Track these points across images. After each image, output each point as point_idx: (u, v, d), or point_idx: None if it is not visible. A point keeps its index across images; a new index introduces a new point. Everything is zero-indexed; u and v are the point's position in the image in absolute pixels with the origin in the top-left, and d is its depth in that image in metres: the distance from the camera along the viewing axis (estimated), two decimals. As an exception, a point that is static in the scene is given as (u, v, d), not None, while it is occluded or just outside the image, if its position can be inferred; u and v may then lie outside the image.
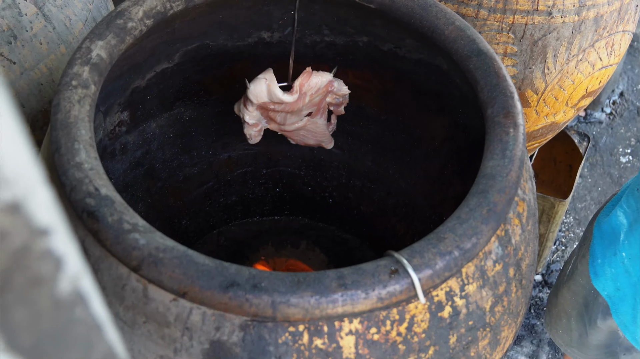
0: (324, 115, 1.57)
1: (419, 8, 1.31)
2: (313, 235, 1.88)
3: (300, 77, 1.45)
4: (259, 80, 1.43)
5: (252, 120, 1.50)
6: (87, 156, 1.06)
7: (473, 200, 1.06)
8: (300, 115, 1.54)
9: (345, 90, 1.51)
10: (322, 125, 1.58)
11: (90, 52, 1.18)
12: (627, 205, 1.20)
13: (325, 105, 1.54)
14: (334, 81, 1.49)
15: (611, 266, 1.29)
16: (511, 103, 1.17)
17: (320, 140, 1.62)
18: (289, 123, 1.54)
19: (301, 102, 1.48)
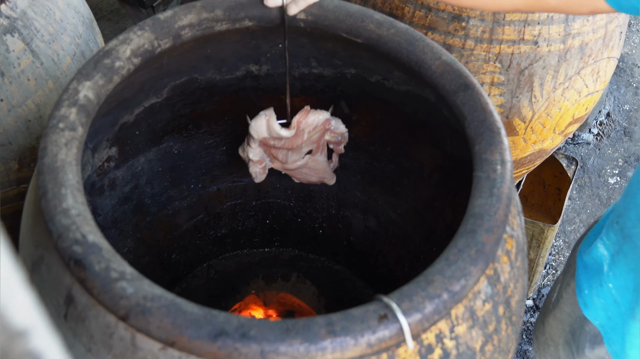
0: (324, 152, 1.59)
1: (406, 43, 1.31)
2: (304, 267, 1.87)
3: (298, 114, 1.49)
4: (259, 116, 1.48)
5: (256, 157, 1.53)
6: (74, 201, 1.06)
7: (461, 240, 1.06)
8: (300, 153, 1.56)
9: (342, 128, 1.54)
10: (323, 162, 1.61)
11: (77, 93, 1.18)
12: (607, 237, 1.20)
13: (324, 142, 1.57)
14: (331, 119, 1.51)
15: (599, 297, 1.30)
16: (498, 139, 1.17)
17: (322, 177, 1.65)
18: (291, 161, 1.57)
19: (300, 139, 1.51)
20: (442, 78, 1.27)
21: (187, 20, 1.31)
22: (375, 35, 1.33)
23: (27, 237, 1.20)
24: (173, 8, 1.32)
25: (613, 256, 1.20)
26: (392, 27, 1.32)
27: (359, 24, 1.33)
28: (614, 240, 1.17)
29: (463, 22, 1.56)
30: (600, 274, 1.26)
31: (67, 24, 1.62)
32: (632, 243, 1.14)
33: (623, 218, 1.14)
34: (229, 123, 1.68)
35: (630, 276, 1.19)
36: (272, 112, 1.49)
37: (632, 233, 1.12)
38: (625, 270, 1.18)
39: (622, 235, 1.15)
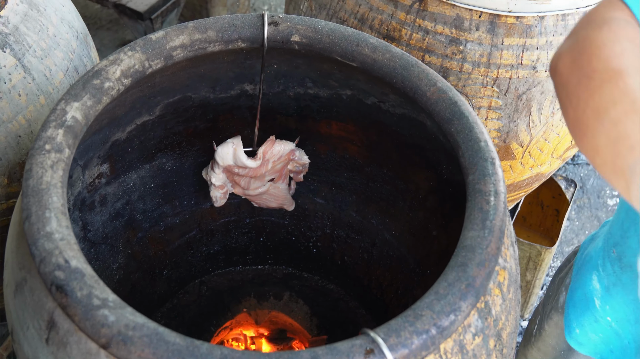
0: (285, 180, 1.63)
1: (401, 68, 1.29)
2: (297, 285, 1.85)
3: (264, 145, 1.51)
4: (226, 144, 1.50)
5: (218, 182, 1.55)
6: (58, 225, 1.04)
7: (452, 274, 1.03)
8: (263, 181, 1.59)
9: (305, 159, 1.58)
10: (284, 189, 1.64)
11: (65, 114, 1.16)
12: (602, 269, 1.17)
13: (287, 171, 1.60)
14: (295, 150, 1.54)
15: (597, 332, 1.27)
16: (492, 170, 1.15)
17: (282, 203, 1.67)
18: (253, 188, 1.59)
19: (264, 168, 1.54)
20: (437, 106, 1.25)
21: (179, 41, 1.29)
22: (370, 59, 1.31)
23: (11, 258, 1.18)
24: (165, 29, 1.30)
25: (608, 289, 1.18)
26: (387, 52, 1.30)
27: (354, 48, 1.32)
28: (610, 271, 1.15)
29: (461, 45, 1.54)
30: (593, 310, 1.23)
31: (61, 39, 1.60)
32: (632, 273, 1.11)
33: (621, 247, 1.11)
34: (223, 141, 1.66)
35: (630, 307, 1.16)
36: (240, 140, 1.50)
37: (633, 261, 1.10)
38: (624, 301, 1.15)
39: (620, 265, 1.12)
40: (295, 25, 1.34)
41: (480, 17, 1.52)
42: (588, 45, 0.81)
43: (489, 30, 1.53)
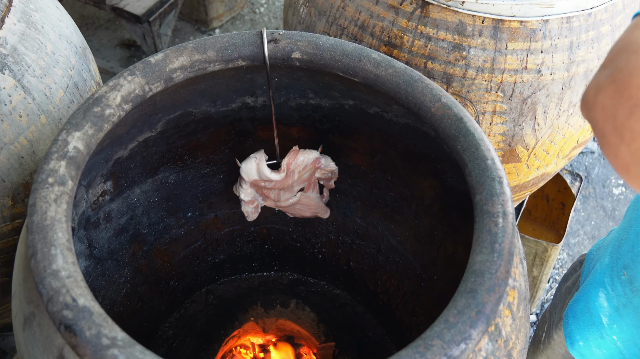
0: (315, 188, 1.59)
1: (404, 84, 1.28)
2: (303, 291, 1.85)
3: (287, 156, 1.47)
4: (249, 159, 1.48)
5: (247, 197, 1.53)
6: (64, 262, 1.03)
7: (461, 300, 1.03)
8: (292, 191, 1.56)
9: (332, 166, 1.52)
10: (316, 198, 1.60)
11: (67, 145, 1.15)
12: (611, 288, 1.15)
13: (315, 180, 1.57)
14: (320, 158, 1.50)
15: (601, 348, 1.26)
16: (500, 189, 1.14)
17: (316, 211, 1.65)
18: (283, 199, 1.56)
19: (290, 179, 1.50)
20: (442, 122, 1.23)
21: (178, 63, 1.28)
22: (373, 75, 1.30)
23: (18, 290, 1.17)
24: (164, 50, 1.29)
25: (618, 309, 1.16)
26: (390, 67, 1.28)
27: (356, 64, 1.30)
28: (621, 292, 1.13)
29: (464, 51, 1.52)
30: (599, 326, 1.22)
31: (59, 56, 1.58)
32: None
33: (632, 271, 1.10)
34: (226, 152, 1.66)
35: (638, 330, 1.15)
36: (262, 154, 1.48)
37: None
38: (634, 324, 1.14)
39: (631, 288, 1.11)
40: (295, 41, 1.32)
41: (483, 22, 1.50)
42: (634, 72, 0.72)
43: (492, 36, 1.51)
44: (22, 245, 1.19)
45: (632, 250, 1.09)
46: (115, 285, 1.65)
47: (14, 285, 1.21)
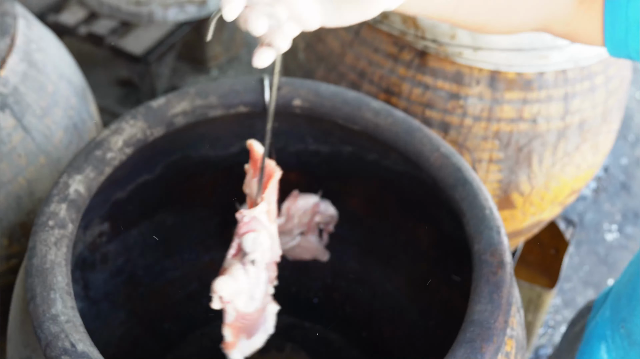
0: (315, 232, 1.59)
1: (404, 132, 1.30)
2: (298, 335, 1.84)
3: (287, 201, 1.48)
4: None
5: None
6: (63, 306, 1.03)
7: (460, 350, 1.03)
8: (292, 235, 1.56)
9: (332, 211, 1.53)
10: (315, 241, 1.61)
11: (67, 188, 1.16)
12: (612, 341, 1.16)
13: (315, 224, 1.57)
14: (320, 203, 1.51)
15: None
16: (498, 239, 1.15)
17: (315, 255, 1.65)
18: (283, 243, 1.56)
19: (290, 224, 1.51)
20: (441, 171, 1.25)
21: (180, 108, 1.29)
22: (372, 124, 1.31)
23: (15, 333, 1.17)
24: (166, 95, 1.30)
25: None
26: (390, 116, 1.30)
27: (356, 112, 1.32)
28: (620, 345, 1.14)
29: (461, 100, 1.54)
30: None
31: (60, 96, 1.60)
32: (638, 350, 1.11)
33: (630, 324, 1.11)
34: (223, 195, 1.66)
35: None
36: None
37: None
38: None
39: (628, 341, 1.12)
40: (296, 89, 1.34)
41: (480, 72, 1.52)
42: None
43: (489, 85, 1.53)
44: (20, 287, 1.18)
45: (628, 304, 1.10)
46: (109, 326, 1.64)
47: (10, 327, 1.20)
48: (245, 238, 1.13)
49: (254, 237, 1.13)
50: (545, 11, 0.98)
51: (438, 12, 0.94)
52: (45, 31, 1.70)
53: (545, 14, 0.99)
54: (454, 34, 1.48)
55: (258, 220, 1.14)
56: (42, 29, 1.69)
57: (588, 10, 0.97)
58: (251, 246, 1.13)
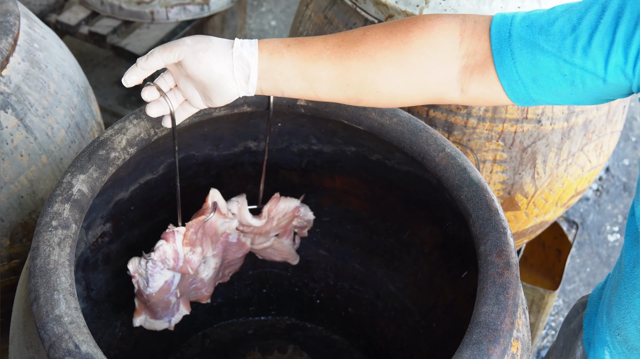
0: (290, 235, 1.61)
1: (409, 133, 1.29)
2: (300, 336, 1.84)
3: (269, 203, 1.49)
4: (230, 202, 1.47)
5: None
6: (67, 307, 1.02)
7: (467, 352, 1.02)
8: (268, 237, 1.57)
9: (310, 216, 1.57)
10: (288, 244, 1.63)
11: (71, 188, 1.15)
12: (612, 346, 1.16)
13: (291, 227, 1.59)
14: (300, 207, 1.53)
15: None
16: (504, 240, 1.14)
17: (286, 257, 1.66)
18: (257, 243, 1.58)
19: (269, 226, 1.53)
20: (446, 172, 1.24)
21: (185, 108, 1.28)
22: (377, 124, 1.31)
23: (17, 334, 1.16)
24: (171, 94, 1.29)
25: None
26: (395, 117, 1.29)
27: (361, 112, 1.31)
28: (620, 350, 1.14)
29: (465, 100, 1.54)
30: None
31: (62, 95, 1.59)
32: (638, 355, 1.10)
33: (624, 331, 1.11)
34: (226, 196, 1.65)
35: None
36: (244, 199, 1.48)
37: (637, 346, 1.09)
38: None
39: (627, 347, 1.12)
40: (301, 89, 1.33)
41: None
42: None
43: (493, 85, 1.52)
44: (23, 287, 1.18)
45: (619, 313, 1.10)
46: (111, 327, 1.63)
47: (13, 328, 1.20)
48: (160, 241, 1.35)
49: (162, 244, 1.34)
50: (429, 92, 1.09)
51: (300, 96, 1.12)
52: (47, 31, 1.70)
53: (430, 94, 1.09)
54: (458, 34, 1.47)
55: (175, 235, 1.36)
56: (44, 29, 1.69)
57: (482, 79, 1.05)
58: (156, 248, 1.34)
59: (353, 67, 1.07)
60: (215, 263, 1.52)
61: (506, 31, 1.02)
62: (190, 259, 1.40)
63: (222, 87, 1.10)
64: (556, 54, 0.98)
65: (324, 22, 1.70)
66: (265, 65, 1.09)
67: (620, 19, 0.93)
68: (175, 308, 1.51)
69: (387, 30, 1.08)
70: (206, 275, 1.52)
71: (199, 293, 1.56)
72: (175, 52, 1.08)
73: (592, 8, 0.96)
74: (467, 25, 1.06)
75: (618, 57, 0.94)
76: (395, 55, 1.06)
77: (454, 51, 1.05)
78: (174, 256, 1.37)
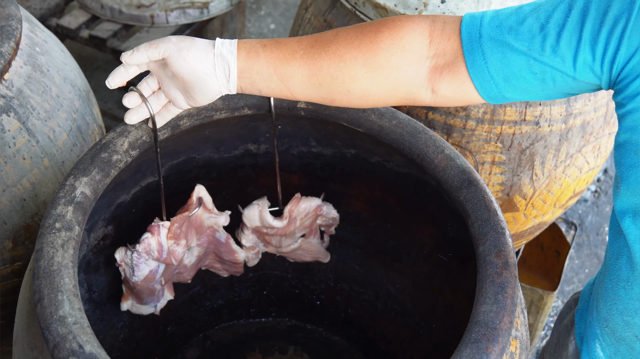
0: (317, 234, 1.61)
1: (408, 135, 1.30)
2: (301, 338, 1.85)
3: (290, 203, 1.48)
4: (252, 206, 1.49)
5: (249, 243, 1.55)
6: (70, 308, 1.04)
7: (466, 350, 1.04)
8: (294, 238, 1.57)
9: (334, 213, 1.54)
10: (317, 244, 1.62)
11: (74, 190, 1.16)
12: (602, 339, 1.18)
13: (316, 226, 1.58)
14: (322, 205, 1.52)
15: None
16: (503, 240, 1.15)
17: (316, 256, 1.66)
18: (285, 245, 1.57)
19: (292, 226, 1.52)
20: (445, 173, 1.25)
21: (185, 111, 1.29)
22: (377, 126, 1.32)
23: (21, 335, 1.17)
24: (173, 97, 1.30)
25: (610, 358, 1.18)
26: (394, 119, 1.31)
27: (361, 114, 1.32)
28: (609, 342, 1.16)
29: (464, 102, 1.55)
30: None
31: (64, 99, 1.60)
32: (627, 345, 1.12)
33: (611, 323, 1.12)
34: (227, 198, 1.66)
35: None
36: (265, 201, 1.49)
37: (625, 336, 1.11)
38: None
39: (615, 338, 1.13)
40: (301, 91, 1.34)
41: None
42: None
43: (491, 88, 1.53)
44: (26, 289, 1.19)
45: (605, 305, 1.12)
46: (113, 329, 1.64)
47: (17, 329, 1.21)
48: (145, 234, 1.40)
49: (147, 236, 1.39)
50: (400, 93, 1.12)
51: (276, 95, 1.16)
52: (48, 34, 1.71)
53: (402, 95, 1.12)
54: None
55: (160, 229, 1.41)
56: (46, 32, 1.70)
57: (452, 79, 1.07)
58: (142, 240, 1.39)
59: (324, 67, 1.11)
60: (199, 251, 1.55)
61: (476, 32, 1.05)
62: (175, 250, 1.45)
63: (205, 85, 1.13)
64: (526, 52, 1.00)
65: (323, 25, 1.72)
66: (242, 64, 1.13)
67: (587, 17, 0.96)
68: (161, 294, 1.56)
69: (357, 30, 1.11)
70: (189, 261, 1.55)
71: (180, 276, 1.60)
72: (161, 48, 1.12)
73: (559, 7, 0.99)
74: (437, 25, 1.08)
75: (586, 55, 0.96)
76: (364, 54, 1.09)
77: (423, 51, 1.08)
78: (158, 248, 1.41)
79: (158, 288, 1.51)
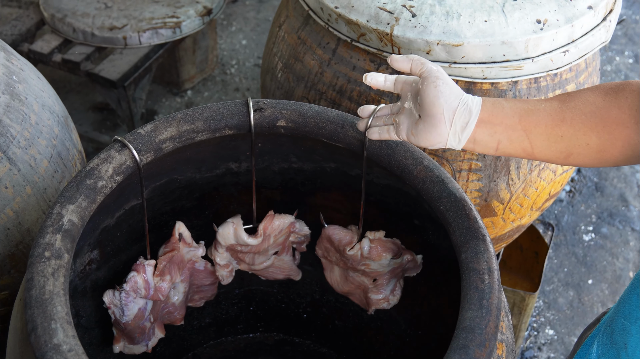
0: (289, 251, 1.64)
1: (387, 148, 1.33)
2: (289, 351, 1.86)
3: (264, 221, 1.52)
4: (226, 224, 1.52)
5: (222, 261, 1.56)
6: (64, 336, 1.05)
7: (454, 356, 1.06)
8: (267, 255, 1.60)
9: (306, 230, 1.59)
10: (289, 261, 1.65)
11: (61, 219, 1.17)
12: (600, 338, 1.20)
13: (289, 243, 1.61)
14: (295, 222, 1.56)
15: None
16: (484, 247, 1.18)
17: (288, 274, 1.69)
18: (258, 263, 1.60)
19: (266, 243, 1.55)
20: (425, 184, 1.28)
21: (167, 134, 1.31)
22: (356, 140, 1.34)
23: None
24: (153, 122, 1.32)
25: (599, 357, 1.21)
26: (373, 133, 1.33)
27: (340, 130, 1.35)
28: (604, 342, 1.19)
29: (439, 112, 1.58)
30: None
31: (43, 126, 1.61)
32: (615, 351, 1.15)
33: (613, 324, 1.15)
34: (210, 217, 1.68)
35: None
36: (239, 220, 1.52)
37: (617, 341, 1.14)
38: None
39: (610, 340, 1.16)
40: (280, 110, 1.37)
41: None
42: None
43: (465, 97, 1.57)
44: (17, 319, 1.19)
45: (617, 305, 1.15)
46: (102, 353, 1.64)
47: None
48: (131, 272, 1.45)
49: (133, 275, 1.45)
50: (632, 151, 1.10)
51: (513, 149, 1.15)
52: (24, 62, 1.72)
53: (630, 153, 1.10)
54: (429, 50, 1.52)
55: (145, 267, 1.46)
56: (22, 61, 1.71)
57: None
58: (128, 279, 1.45)
59: (567, 119, 1.11)
60: (184, 288, 1.59)
61: None
62: (161, 286, 1.48)
63: (435, 127, 1.13)
64: None
65: (297, 42, 1.74)
66: (486, 114, 1.13)
67: None
68: (151, 333, 1.58)
69: (599, 88, 1.12)
70: (177, 299, 1.59)
71: (172, 316, 1.62)
72: (426, 65, 1.15)
73: None
74: None
75: None
76: (601, 111, 1.09)
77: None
78: (145, 285, 1.45)
79: (148, 326, 1.53)
